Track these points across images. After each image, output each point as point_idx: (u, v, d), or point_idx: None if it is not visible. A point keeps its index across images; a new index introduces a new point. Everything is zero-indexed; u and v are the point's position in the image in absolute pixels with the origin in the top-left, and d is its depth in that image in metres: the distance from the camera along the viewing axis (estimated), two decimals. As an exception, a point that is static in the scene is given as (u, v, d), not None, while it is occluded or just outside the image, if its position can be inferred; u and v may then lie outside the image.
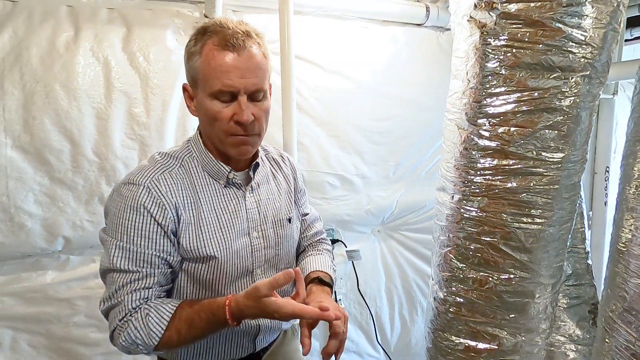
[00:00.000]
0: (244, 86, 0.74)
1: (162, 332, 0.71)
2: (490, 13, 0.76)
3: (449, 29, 1.88)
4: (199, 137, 0.84)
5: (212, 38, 0.75)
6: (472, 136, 0.83)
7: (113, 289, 0.73)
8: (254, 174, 0.87)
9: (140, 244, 0.73)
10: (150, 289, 0.75)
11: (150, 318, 0.71)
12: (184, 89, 0.83)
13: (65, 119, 1.28)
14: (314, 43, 1.62)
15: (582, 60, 0.76)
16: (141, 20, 1.38)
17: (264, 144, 0.97)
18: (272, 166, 0.96)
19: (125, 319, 0.72)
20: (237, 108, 0.75)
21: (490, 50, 0.77)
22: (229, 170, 0.83)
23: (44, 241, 1.30)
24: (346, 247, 1.80)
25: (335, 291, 1.74)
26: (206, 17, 1.44)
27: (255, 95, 0.77)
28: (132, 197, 0.74)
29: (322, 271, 0.93)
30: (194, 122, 1.50)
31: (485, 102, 0.80)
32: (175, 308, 0.73)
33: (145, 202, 0.74)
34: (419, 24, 1.81)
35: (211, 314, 0.72)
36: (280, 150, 1.04)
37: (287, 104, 1.44)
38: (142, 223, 0.74)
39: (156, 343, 0.71)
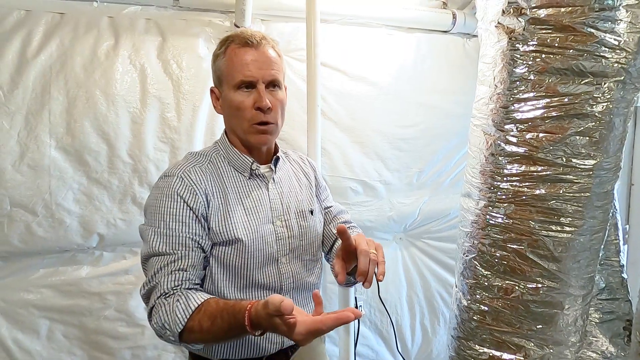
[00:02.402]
0: (262, 76, 0.85)
1: (185, 320, 0.73)
2: (519, 19, 0.75)
3: (475, 36, 1.86)
4: (225, 136, 0.93)
5: (233, 41, 0.87)
6: (498, 142, 0.82)
7: (152, 272, 0.79)
8: (275, 167, 0.93)
9: (175, 228, 0.80)
10: (186, 272, 0.79)
11: (178, 304, 0.74)
12: (212, 91, 0.93)
13: (104, 122, 1.36)
14: (339, 50, 1.65)
15: (616, 65, 0.74)
16: (175, 30, 1.45)
17: (284, 149, 1.02)
18: (293, 165, 1.03)
19: (159, 300, 0.76)
20: (256, 96, 0.85)
21: (518, 56, 0.77)
22: (251, 162, 0.90)
23: (80, 237, 1.38)
24: (367, 253, 1.79)
25: (355, 297, 1.74)
26: (236, 26, 1.49)
27: (272, 86, 0.87)
28: (168, 187, 0.83)
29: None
30: (221, 127, 1.54)
31: (512, 107, 0.79)
32: (202, 300, 0.75)
33: (178, 189, 0.82)
34: (445, 31, 1.80)
35: (233, 316, 0.71)
36: (299, 153, 1.11)
37: (312, 110, 1.47)
38: (177, 209, 0.81)
39: (179, 330, 0.74)
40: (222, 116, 0.93)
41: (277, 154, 0.94)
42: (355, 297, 1.71)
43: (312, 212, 0.96)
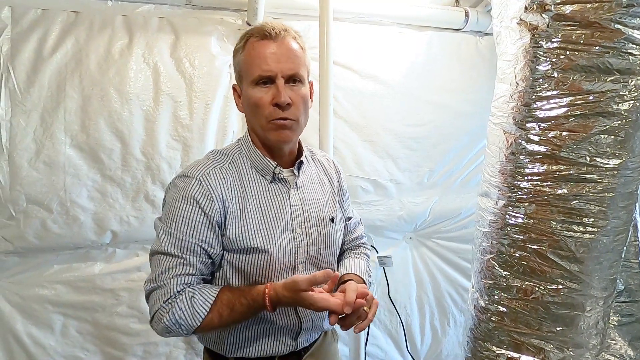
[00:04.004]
0: (281, 70, 0.80)
1: (206, 313, 0.75)
2: (543, 15, 0.74)
3: (488, 34, 1.84)
4: (248, 136, 0.90)
5: (253, 35, 0.83)
6: (519, 140, 0.81)
7: (159, 271, 0.78)
8: (298, 172, 0.90)
9: (186, 232, 0.78)
10: (193, 276, 0.79)
11: (195, 300, 0.76)
12: (234, 88, 0.90)
13: (117, 120, 1.37)
14: (351, 49, 1.64)
15: (644, 62, 0.72)
16: (188, 28, 1.46)
17: (309, 147, 1.00)
18: (317, 168, 0.99)
19: (169, 301, 0.76)
20: (275, 91, 0.80)
21: (541, 53, 0.75)
22: (275, 165, 0.86)
23: (94, 234, 1.39)
24: (377, 252, 1.79)
25: (366, 297, 1.73)
26: (248, 24, 1.50)
27: (292, 80, 0.82)
28: (185, 189, 0.81)
29: (355, 274, 0.95)
30: (233, 125, 1.55)
31: (535, 105, 0.78)
32: (217, 292, 0.78)
33: (195, 193, 0.80)
34: (457, 29, 1.78)
35: (251, 300, 0.77)
36: (326, 154, 1.08)
37: (325, 109, 1.47)
38: (191, 213, 0.79)
39: (199, 324, 0.75)
40: (244, 114, 0.89)
41: (301, 157, 0.90)
42: (366, 297, 1.71)
43: (333, 220, 0.93)
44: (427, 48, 1.75)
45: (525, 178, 0.81)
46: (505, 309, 0.85)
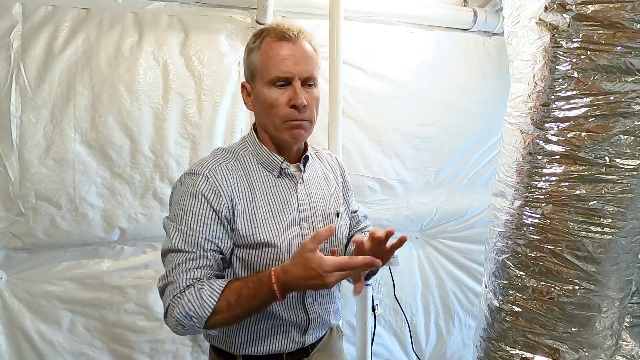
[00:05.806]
0: (298, 72, 0.81)
1: (215, 302, 0.74)
2: (564, 15, 0.74)
3: (496, 34, 1.84)
4: (254, 133, 0.90)
5: (269, 34, 0.83)
6: (537, 140, 0.81)
7: (170, 267, 0.79)
8: (304, 167, 0.91)
9: (196, 229, 0.79)
10: (203, 270, 0.79)
11: (203, 290, 0.76)
12: (243, 86, 0.90)
13: (127, 117, 1.37)
14: (360, 48, 1.64)
15: (665, 63, 0.72)
16: (197, 26, 1.45)
17: (313, 144, 1.00)
18: (322, 164, 1.01)
19: (178, 295, 0.76)
20: (292, 93, 0.81)
21: (561, 53, 0.75)
22: (281, 160, 0.87)
23: (103, 231, 1.39)
24: (384, 252, 1.79)
25: (372, 295, 1.73)
26: (257, 22, 1.49)
27: (308, 83, 0.84)
28: (192, 185, 0.81)
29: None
30: (241, 124, 1.55)
31: (554, 105, 0.78)
32: (226, 282, 0.78)
33: (203, 189, 0.80)
34: (465, 29, 1.78)
35: (258, 282, 0.75)
36: (329, 151, 1.10)
37: (334, 109, 1.46)
38: (199, 209, 0.79)
39: (209, 314, 0.74)
40: (253, 112, 0.90)
41: (307, 153, 0.92)
42: (372, 296, 1.71)
43: (337, 215, 0.95)
44: (435, 48, 1.75)
45: (543, 178, 0.80)
46: (520, 309, 0.85)
